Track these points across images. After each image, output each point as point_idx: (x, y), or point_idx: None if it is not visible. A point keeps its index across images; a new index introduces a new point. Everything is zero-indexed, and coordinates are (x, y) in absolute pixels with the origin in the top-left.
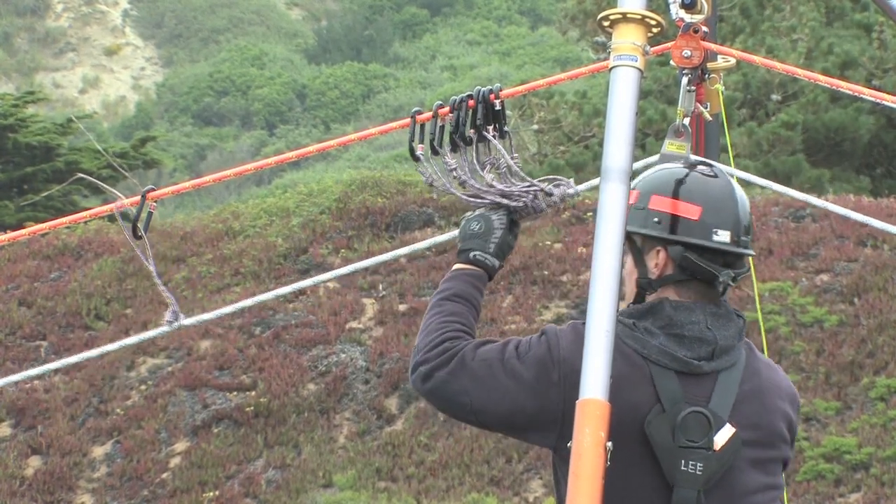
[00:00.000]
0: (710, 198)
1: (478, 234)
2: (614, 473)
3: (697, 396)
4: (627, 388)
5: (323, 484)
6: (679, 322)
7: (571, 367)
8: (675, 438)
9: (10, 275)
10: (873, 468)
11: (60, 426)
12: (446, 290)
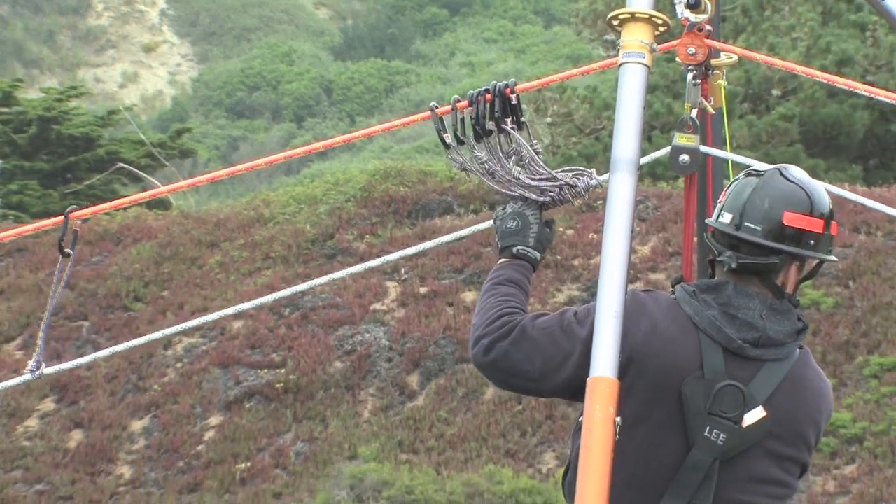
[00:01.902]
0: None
1: (516, 231)
2: (644, 427)
3: (740, 376)
4: (674, 350)
5: (348, 456)
6: (736, 304)
7: (624, 328)
8: (706, 405)
9: (53, 259)
10: (867, 441)
11: (101, 401)
12: (497, 276)
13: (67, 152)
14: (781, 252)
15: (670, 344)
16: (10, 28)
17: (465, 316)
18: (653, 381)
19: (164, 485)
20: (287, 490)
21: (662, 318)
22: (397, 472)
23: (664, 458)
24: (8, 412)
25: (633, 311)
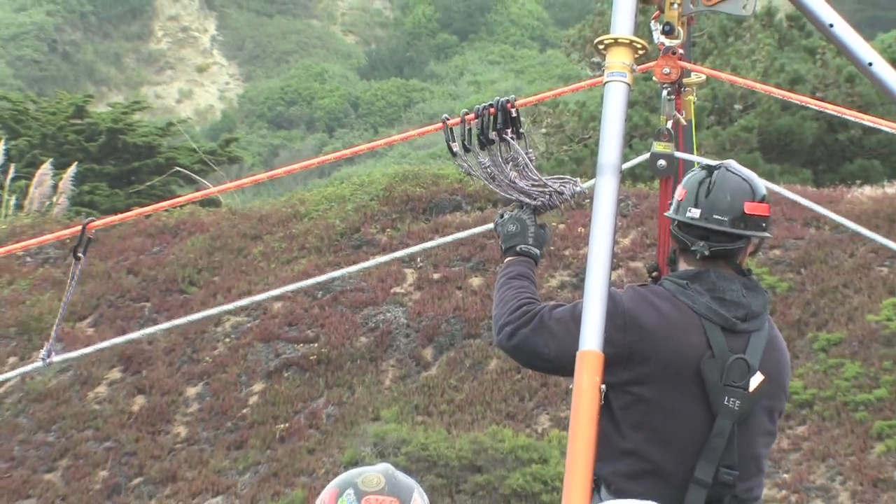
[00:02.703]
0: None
1: (516, 233)
2: (674, 402)
3: (736, 348)
4: (684, 334)
5: (372, 418)
6: (721, 288)
7: (634, 316)
8: (722, 378)
9: (120, 249)
10: (816, 405)
11: (160, 371)
12: (509, 272)
13: (132, 158)
14: (745, 237)
15: (678, 330)
16: (83, 51)
17: (472, 298)
18: (668, 361)
19: (214, 442)
20: (319, 447)
21: (666, 308)
22: (414, 431)
23: (693, 425)
24: (80, 380)
25: (639, 302)
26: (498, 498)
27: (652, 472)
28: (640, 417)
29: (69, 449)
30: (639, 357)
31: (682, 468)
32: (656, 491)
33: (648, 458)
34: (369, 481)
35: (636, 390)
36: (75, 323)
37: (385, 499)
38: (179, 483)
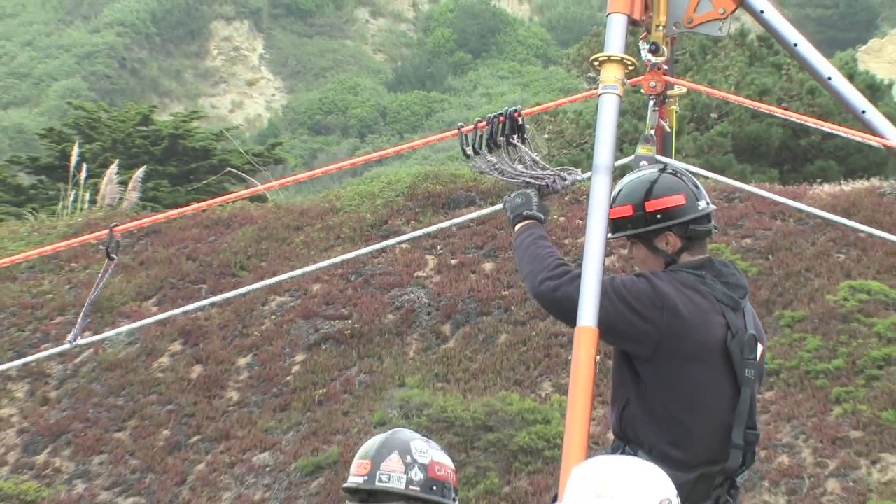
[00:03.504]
0: (684, 185)
1: (522, 203)
2: (706, 376)
3: (741, 325)
4: (710, 318)
5: (398, 384)
6: (724, 273)
7: (672, 299)
8: (742, 354)
9: (180, 238)
10: (782, 374)
11: (215, 344)
12: (531, 234)
13: (190, 160)
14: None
15: (706, 314)
16: (149, 68)
17: (485, 281)
18: (700, 342)
19: (261, 405)
20: (353, 409)
21: (695, 296)
22: (434, 396)
23: (722, 396)
24: (146, 352)
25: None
26: (507, 454)
27: (690, 437)
28: (678, 390)
29: (136, 411)
30: (674, 336)
31: (715, 434)
32: (694, 454)
33: (687, 426)
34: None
35: (673, 365)
36: (142, 302)
37: (362, 462)
38: (232, 441)
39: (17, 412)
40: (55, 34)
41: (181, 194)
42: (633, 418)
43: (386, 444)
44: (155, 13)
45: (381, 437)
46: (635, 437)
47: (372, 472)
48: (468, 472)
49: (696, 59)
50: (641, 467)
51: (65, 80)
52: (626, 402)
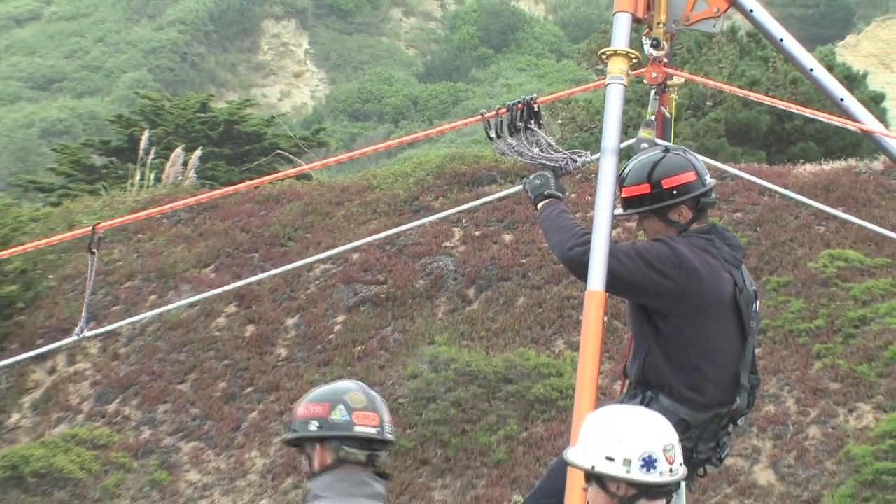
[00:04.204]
0: (690, 163)
1: (542, 184)
2: (718, 327)
3: (743, 281)
4: (721, 276)
5: (428, 342)
6: (726, 236)
7: (689, 260)
8: (748, 308)
9: (235, 213)
10: (769, 332)
11: (266, 306)
12: (556, 209)
13: (244, 143)
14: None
15: (718, 272)
16: (207, 61)
17: (505, 250)
18: (713, 297)
19: (307, 361)
20: (388, 364)
21: (708, 257)
22: (460, 352)
23: (732, 345)
24: (205, 313)
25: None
26: (525, 403)
27: (706, 382)
28: (695, 340)
29: (196, 366)
30: (690, 292)
31: (726, 379)
32: (709, 396)
33: (704, 371)
34: (356, 399)
35: (691, 317)
36: (201, 269)
37: (370, 414)
38: (281, 392)
39: (90, 367)
40: (124, 31)
41: (235, 173)
42: (654, 366)
43: (377, 399)
44: (212, 12)
45: (363, 388)
46: (657, 383)
47: (381, 425)
48: (490, 419)
49: (693, 52)
50: (647, 415)
51: (132, 73)
52: (647, 351)
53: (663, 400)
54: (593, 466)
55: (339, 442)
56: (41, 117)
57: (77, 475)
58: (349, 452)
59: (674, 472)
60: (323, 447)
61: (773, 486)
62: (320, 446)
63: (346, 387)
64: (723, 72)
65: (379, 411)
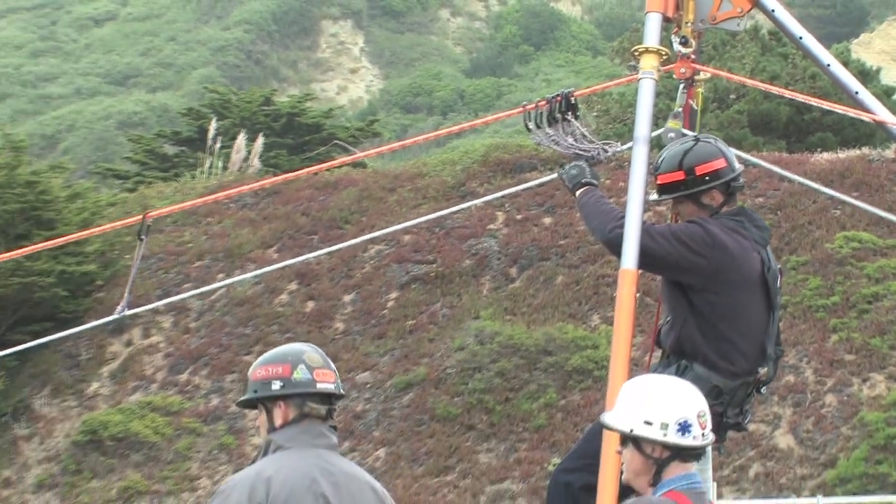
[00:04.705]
0: (720, 150)
1: (578, 174)
2: (747, 302)
3: (769, 260)
4: (751, 255)
5: (474, 317)
6: (755, 219)
7: (721, 239)
8: (774, 284)
9: (296, 198)
10: (789, 308)
11: (325, 283)
12: (594, 195)
13: (304, 133)
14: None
15: (747, 251)
16: (270, 58)
17: (545, 232)
18: (743, 274)
19: (362, 334)
20: (437, 337)
21: (738, 237)
22: (503, 326)
23: (760, 318)
24: (269, 290)
25: (724, 230)
26: (563, 374)
27: (737, 352)
28: (726, 314)
29: (261, 339)
30: (722, 269)
31: (754, 349)
32: (739, 364)
33: (735, 342)
34: (313, 359)
35: (722, 293)
36: (265, 250)
37: (328, 372)
38: (339, 362)
39: (163, 340)
40: (194, 31)
41: (297, 162)
42: (690, 337)
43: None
44: (275, 13)
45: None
46: (692, 353)
47: (336, 381)
48: (531, 388)
49: (718, 49)
50: (682, 384)
51: (202, 69)
52: (683, 324)
53: (697, 368)
54: (632, 430)
55: (302, 398)
56: (118, 110)
57: (151, 439)
58: (312, 407)
59: (705, 437)
60: (286, 404)
61: (793, 450)
62: (283, 403)
63: (300, 348)
64: (745, 67)
65: (333, 369)
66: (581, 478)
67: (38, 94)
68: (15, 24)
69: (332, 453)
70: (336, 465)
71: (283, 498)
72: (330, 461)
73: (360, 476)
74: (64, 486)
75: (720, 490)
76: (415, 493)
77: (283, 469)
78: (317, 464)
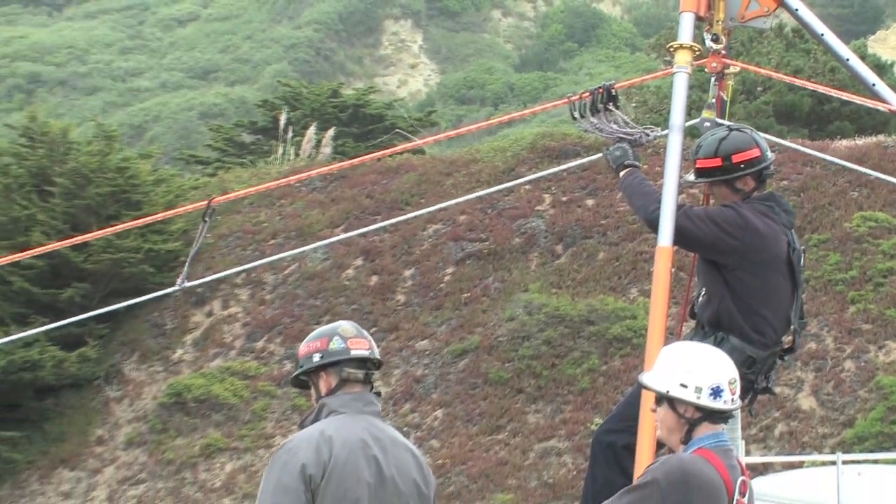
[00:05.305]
0: (755, 141)
1: (621, 155)
2: (776, 280)
3: (794, 240)
4: (779, 236)
5: (523, 290)
6: (783, 203)
7: (753, 222)
8: (799, 263)
9: (361, 182)
10: (810, 282)
11: (387, 259)
12: (637, 176)
13: (368, 123)
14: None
15: (776, 233)
16: (337, 55)
17: (587, 213)
18: (772, 254)
19: (421, 305)
20: (489, 309)
21: (768, 220)
22: (550, 298)
23: (786, 295)
24: (336, 265)
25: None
26: (604, 341)
27: (767, 325)
28: (757, 290)
29: (329, 309)
30: (753, 250)
31: (782, 322)
32: (769, 336)
33: (765, 316)
34: (347, 330)
35: (754, 272)
36: (333, 229)
37: (361, 340)
38: (400, 331)
39: (241, 310)
40: (268, 30)
41: (361, 149)
42: (726, 312)
43: (363, 330)
44: (342, 14)
45: (349, 323)
46: (728, 326)
47: (371, 347)
48: (575, 355)
49: (746, 45)
50: (716, 353)
51: (275, 65)
52: (720, 300)
53: (733, 340)
54: (668, 391)
55: (340, 366)
56: (199, 102)
57: (230, 401)
58: (350, 372)
59: (734, 402)
60: (328, 373)
61: (815, 411)
62: (325, 373)
63: (336, 324)
64: (771, 62)
65: (367, 338)
66: (623, 438)
67: (127, 87)
68: (106, 24)
69: (379, 420)
70: (384, 431)
71: (343, 457)
72: (378, 427)
73: (403, 442)
74: (151, 444)
75: (748, 448)
76: (469, 450)
77: (341, 431)
78: (367, 428)
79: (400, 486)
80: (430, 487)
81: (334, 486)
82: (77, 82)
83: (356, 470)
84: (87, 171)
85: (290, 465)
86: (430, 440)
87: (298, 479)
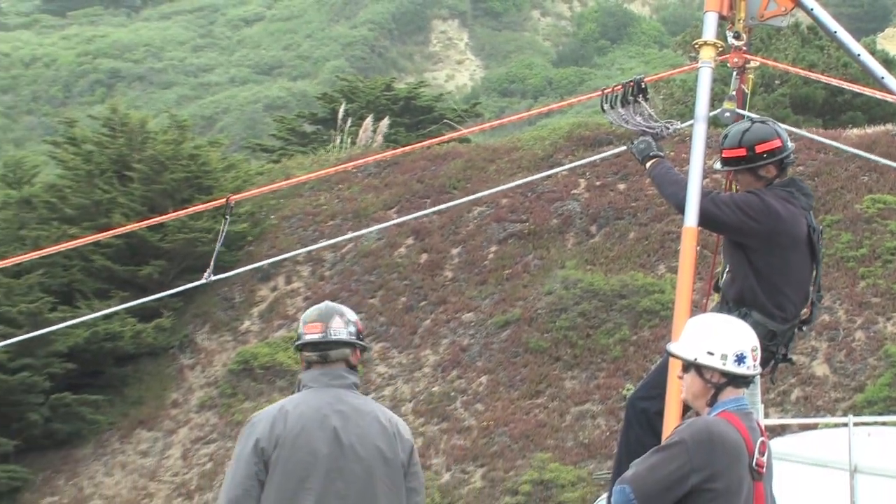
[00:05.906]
0: (776, 132)
1: (646, 147)
2: (797, 258)
3: (813, 222)
4: (799, 220)
5: (560, 267)
6: (802, 188)
7: (774, 206)
8: (818, 242)
9: (412, 168)
10: (824, 259)
11: (435, 239)
12: (665, 166)
13: (418, 114)
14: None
15: (796, 217)
16: (390, 52)
17: (619, 196)
18: (794, 235)
19: (467, 280)
20: (529, 284)
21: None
22: (585, 274)
23: (806, 271)
24: (389, 244)
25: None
26: (635, 314)
27: (788, 301)
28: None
29: (383, 285)
30: (776, 233)
31: (801, 298)
32: (790, 311)
33: (786, 293)
34: (309, 315)
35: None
36: (386, 211)
37: (316, 324)
38: (447, 304)
39: (303, 286)
40: (327, 29)
41: (413, 137)
42: (750, 289)
43: (327, 311)
44: (394, 14)
45: (321, 306)
46: (751, 302)
47: (325, 330)
48: (608, 326)
49: (765, 42)
50: (740, 323)
51: (334, 61)
52: (744, 278)
53: (756, 315)
54: (696, 358)
55: (300, 349)
56: (265, 95)
57: (293, 368)
58: (305, 355)
59: (756, 368)
60: (300, 355)
61: (828, 377)
62: (300, 355)
63: (313, 308)
64: (788, 57)
65: (324, 321)
66: (655, 405)
67: (199, 82)
68: (179, 24)
69: (348, 391)
70: (347, 402)
71: (296, 431)
72: (343, 399)
73: (370, 411)
74: (221, 407)
75: (766, 411)
76: (511, 413)
77: (300, 405)
78: (330, 402)
79: (360, 453)
80: (397, 452)
81: (285, 456)
82: (153, 77)
83: (309, 441)
84: (163, 159)
85: (248, 439)
86: (475, 404)
87: (252, 452)
